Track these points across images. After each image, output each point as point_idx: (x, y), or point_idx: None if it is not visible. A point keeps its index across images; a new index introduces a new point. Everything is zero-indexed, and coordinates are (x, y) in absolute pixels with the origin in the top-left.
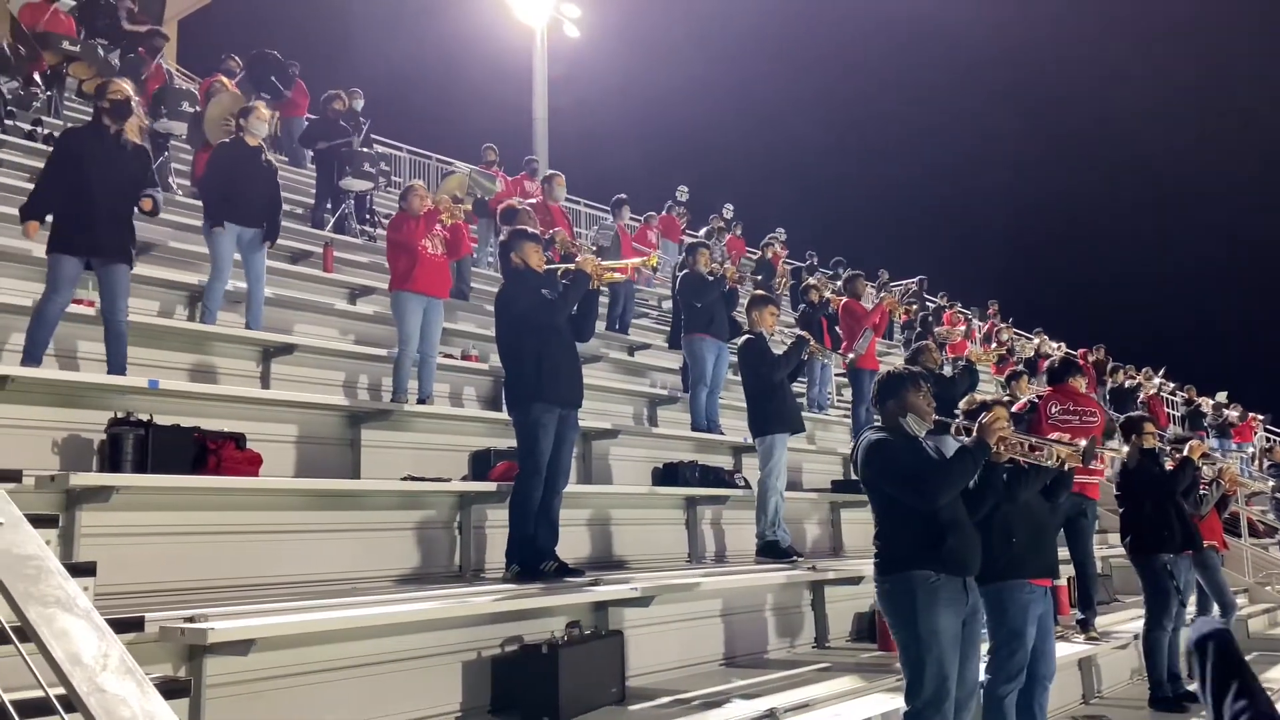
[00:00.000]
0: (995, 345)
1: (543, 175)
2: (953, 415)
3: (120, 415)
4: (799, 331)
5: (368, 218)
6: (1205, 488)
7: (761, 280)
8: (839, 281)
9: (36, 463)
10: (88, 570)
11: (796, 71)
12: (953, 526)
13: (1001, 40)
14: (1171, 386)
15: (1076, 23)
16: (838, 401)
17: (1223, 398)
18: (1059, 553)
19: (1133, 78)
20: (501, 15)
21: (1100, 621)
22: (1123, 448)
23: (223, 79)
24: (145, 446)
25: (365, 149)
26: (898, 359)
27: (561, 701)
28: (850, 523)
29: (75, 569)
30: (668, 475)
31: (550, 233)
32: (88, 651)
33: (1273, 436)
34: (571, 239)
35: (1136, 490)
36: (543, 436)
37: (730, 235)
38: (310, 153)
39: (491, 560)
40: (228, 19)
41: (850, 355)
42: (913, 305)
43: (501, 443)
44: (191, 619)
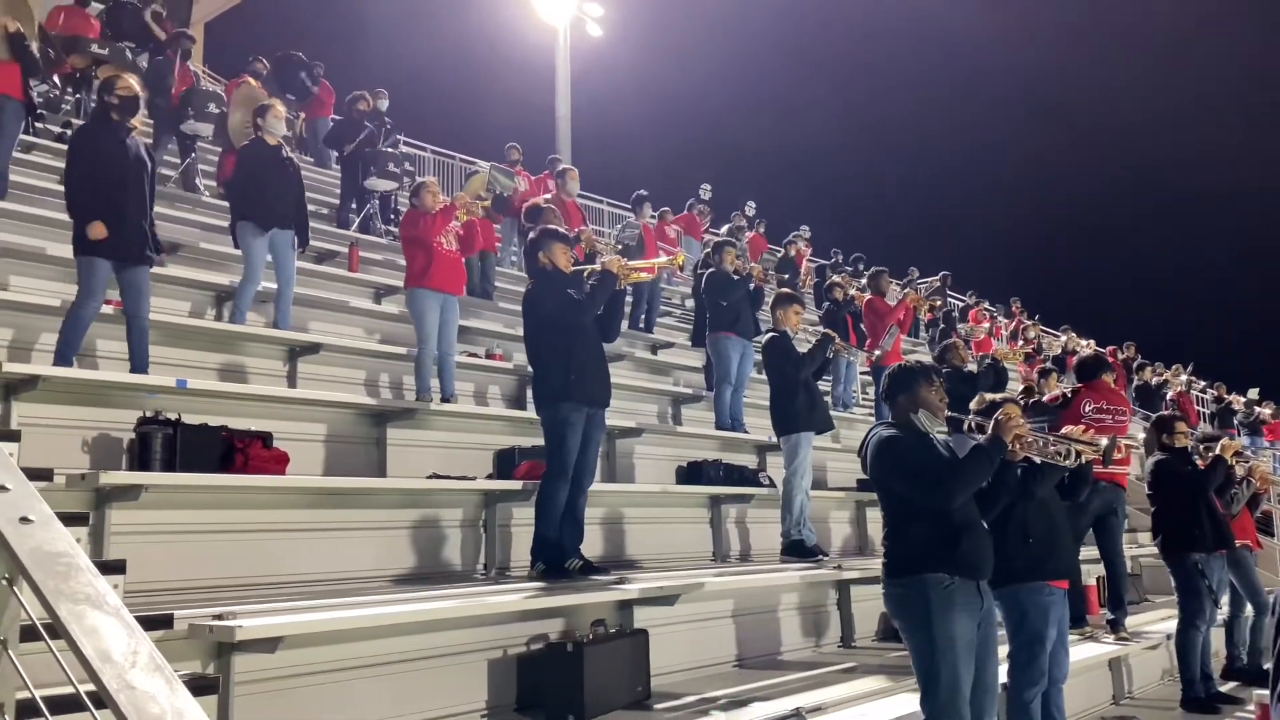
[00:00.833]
0: (1022, 343)
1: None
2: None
3: (149, 414)
4: (824, 329)
5: (392, 217)
6: (1236, 486)
7: (787, 279)
8: (862, 279)
9: (67, 461)
10: (117, 568)
11: (817, 70)
12: (966, 528)
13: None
14: (1201, 384)
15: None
16: (862, 400)
17: (1254, 394)
18: (1088, 551)
19: (1162, 75)
20: (524, 14)
21: (1130, 621)
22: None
23: (250, 80)
24: (174, 445)
25: (390, 149)
26: (923, 357)
27: (587, 700)
28: (876, 521)
29: (105, 567)
30: (692, 474)
31: (577, 231)
32: (117, 648)
33: None
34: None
35: (1167, 488)
36: (570, 436)
37: (752, 233)
38: (335, 153)
39: (516, 558)
40: (254, 21)
41: (877, 352)
42: (937, 302)
43: (526, 441)
44: (219, 616)
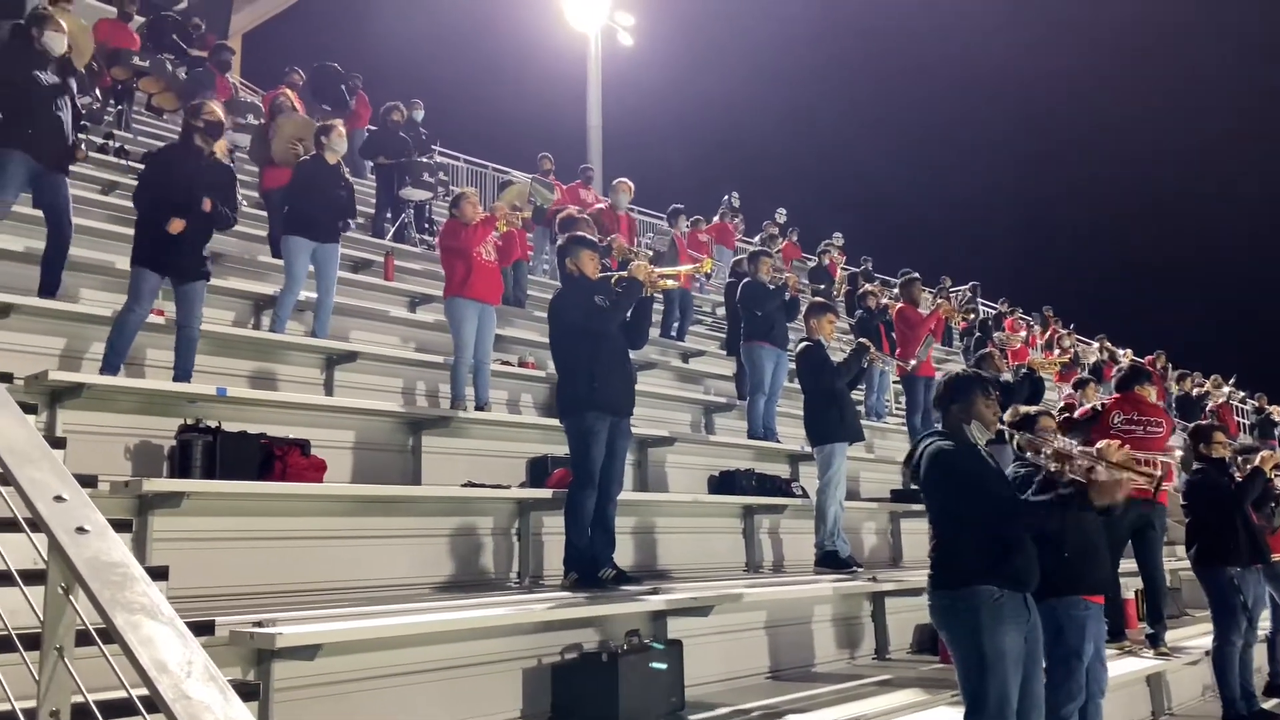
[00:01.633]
0: (1058, 353)
1: (598, 183)
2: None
3: (190, 422)
4: (858, 338)
5: (427, 226)
6: (1276, 499)
7: (823, 289)
8: (894, 288)
9: (111, 468)
10: (161, 574)
11: (848, 79)
12: (1017, 541)
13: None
14: (1241, 395)
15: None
16: (896, 409)
17: None
18: (1127, 565)
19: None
20: (556, 24)
21: (1170, 636)
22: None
23: (287, 91)
24: (214, 453)
25: (424, 159)
26: (957, 367)
27: (621, 711)
28: (910, 533)
29: (149, 573)
30: (724, 483)
31: (607, 240)
32: (173, 658)
33: None
34: (630, 246)
35: (1203, 501)
36: (594, 444)
37: (785, 242)
38: (370, 163)
39: (550, 567)
40: (291, 32)
41: (912, 362)
42: (971, 315)
43: (559, 449)
44: (260, 623)
